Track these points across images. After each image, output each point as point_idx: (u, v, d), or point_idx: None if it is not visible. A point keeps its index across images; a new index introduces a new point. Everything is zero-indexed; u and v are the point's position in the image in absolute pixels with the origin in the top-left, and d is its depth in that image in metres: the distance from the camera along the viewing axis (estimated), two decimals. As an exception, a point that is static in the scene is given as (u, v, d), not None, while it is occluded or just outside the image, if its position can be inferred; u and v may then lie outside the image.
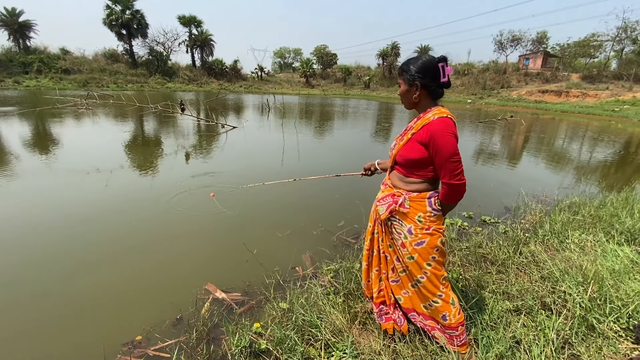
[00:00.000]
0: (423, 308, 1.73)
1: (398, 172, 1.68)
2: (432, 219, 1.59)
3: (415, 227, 1.59)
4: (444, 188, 1.52)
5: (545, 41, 43.70)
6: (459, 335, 1.66)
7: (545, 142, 11.77)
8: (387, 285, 1.88)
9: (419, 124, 1.53)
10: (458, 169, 1.45)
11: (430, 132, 1.46)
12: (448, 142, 1.43)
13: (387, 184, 1.76)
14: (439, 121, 1.46)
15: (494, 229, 3.63)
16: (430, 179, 1.58)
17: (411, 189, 1.61)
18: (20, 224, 3.54)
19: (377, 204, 1.75)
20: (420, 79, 1.51)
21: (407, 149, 1.57)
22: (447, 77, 1.51)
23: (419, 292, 1.70)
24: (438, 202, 1.59)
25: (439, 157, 1.46)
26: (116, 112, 14.12)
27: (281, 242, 3.36)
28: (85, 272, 2.74)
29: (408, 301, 1.78)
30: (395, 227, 1.67)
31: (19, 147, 7.18)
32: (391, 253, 1.76)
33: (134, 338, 2.01)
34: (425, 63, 1.51)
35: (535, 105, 31.79)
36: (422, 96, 1.55)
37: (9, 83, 28.53)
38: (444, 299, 1.64)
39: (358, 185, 5.12)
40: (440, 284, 1.64)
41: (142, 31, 37.74)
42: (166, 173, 5.80)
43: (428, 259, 1.61)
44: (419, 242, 1.59)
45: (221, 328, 2.07)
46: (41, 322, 2.18)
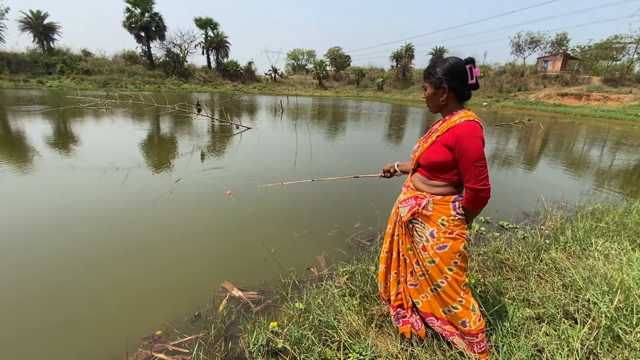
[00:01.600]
0: (442, 313, 1.70)
1: (421, 175, 1.66)
2: (455, 223, 1.56)
3: (438, 230, 1.57)
4: (467, 193, 1.49)
5: (565, 43, 42.58)
6: (479, 342, 1.62)
7: (564, 146, 11.45)
8: (405, 288, 1.86)
9: (444, 127, 1.51)
10: (483, 173, 1.42)
11: (456, 135, 1.43)
12: (474, 146, 1.40)
13: (409, 187, 1.74)
14: (465, 124, 1.44)
15: (513, 235, 3.56)
16: (455, 182, 1.55)
17: (435, 192, 1.58)
18: (43, 220, 3.67)
19: (398, 206, 1.73)
20: (448, 81, 1.48)
21: (431, 151, 1.55)
22: (475, 78, 1.48)
23: (438, 296, 1.67)
24: (462, 207, 1.56)
25: (464, 161, 1.43)
26: (134, 112, 14.48)
27: (296, 242, 3.38)
28: (106, 268, 2.81)
29: (426, 305, 1.75)
30: (417, 229, 1.65)
31: (42, 145, 7.45)
32: (411, 256, 1.74)
33: (154, 333, 2.05)
34: (453, 65, 1.48)
35: (554, 108, 30.97)
36: (449, 99, 1.53)
37: (33, 83, 29.61)
38: (464, 305, 1.61)
39: (373, 187, 5.10)
40: (461, 289, 1.61)
41: (160, 33, 38.63)
42: (183, 172, 5.91)
43: (450, 264, 1.58)
44: (441, 246, 1.57)
45: (238, 326, 2.09)
46: (64, 317, 2.25)
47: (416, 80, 50.24)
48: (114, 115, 13.22)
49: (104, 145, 8.00)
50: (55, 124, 10.54)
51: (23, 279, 2.61)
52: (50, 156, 6.53)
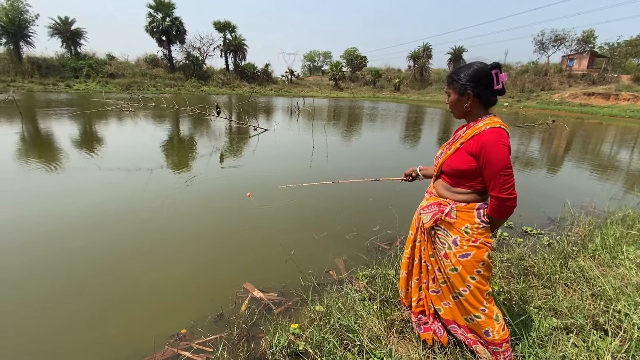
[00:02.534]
0: (464, 320, 1.68)
1: (444, 182, 1.63)
2: (480, 231, 1.53)
3: (461, 238, 1.55)
4: (492, 202, 1.45)
5: (592, 40, 40.88)
6: (503, 351, 1.59)
7: (591, 148, 11.00)
8: (427, 295, 1.84)
9: (468, 133, 1.48)
10: (509, 182, 1.38)
11: (481, 143, 1.40)
12: (500, 154, 1.37)
13: (432, 193, 1.72)
14: (491, 131, 1.40)
15: (537, 241, 3.45)
16: (479, 190, 1.52)
17: (459, 199, 1.56)
18: (75, 218, 3.85)
19: (420, 212, 1.72)
20: (473, 87, 1.45)
21: (455, 158, 1.52)
22: (502, 84, 1.44)
23: (460, 304, 1.65)
24: (487, 214, 1.53)
25: (489, 169, 1.40)
26: (155, 114, 14.92)
27: (315, 244, 3.40)
28: (131, 267, 2.93)
29: (448, 312, 1.73)
30: (440, 236, 1.63)
31: (71, 146, 7.80)
32: (433, 263, 1.73)
33: (179, 331, 2.12)
34: (478, 71, 1.45)
35: (580, 108, 29.77)
36: (473, 105, 1.49)
37: (62, 86, 31.00)
38: (487, 314, 1.58)
39: (391, 190, 5.07)
40: (484, 299, 1.58)
41: (180, 37, 39.64)
42: (202, 173, 6.05)
43: (472, 273, 1.55)
44: (464, 254, 1.54)
45: (260, 327, 2.14)
46: (92, 312, 2.36)
47: (434, 81, 49.47)
48: (137, 117, 13.68)
49: (128, 146, 8.28)
50: (83, 126, 11.01)
51: (55, 276, 2.75)
52: (78, 157, 6.83)
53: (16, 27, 30.62)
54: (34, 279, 2.68)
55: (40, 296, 2.49)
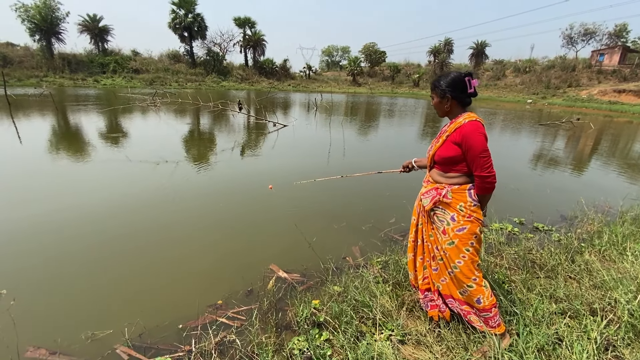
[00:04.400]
0: (459, 294, 1.94)
1: (437, 170, 1.95)
2: (472, 208, 1.81)
3: (457, 215, 1.83)
4: (476, 180, 1.76)
5: (625, 35, 38.91)
6: (492, 316, 1.85)
7: (619, 147, 10.72)
8: (430, 273, 2.10)
9: (451, 127, 1.79)
10: (487, 163, 1.69)
11: (463, 133, 1.71)
12: (478, 141, 1.68)
13: (430, 181, 2.01)
14: (469, 124, 1.72)
15: (546, 237, 3.59)
16: (467, 172, 1.81)
17: (452, 182, 1.85)
18: (118, 204, 4.28)
19: (421, 198, 2.01)
20: (451, 92, 1.79)
21: (443, 149, 1.83)
22: (474, 88, 1.79)
23: (455, 278, 1.91)
24: (475, 194, 1.83)
25: (470, 153, 1.71)
26: (177, 109, 15.53)
27: (333, 233, 3.68)
28: (172, 246, 3.32)
29: (446, 288, 2.00)
30: (438, 215, 1.91)
31: (102, 139, 8.37)
32: (432, 242, 2.00)
33: (216, 302, 2.45)
34: (454, 79, 1.79)
35: (609, 106, 28.56)
36: (452, 106, 1.83)
37: (90, 82, 32.46)
38: (478, 282, 1.84)
39: (406, 185, 5.27)
40: (475, 269, 1.85)
41: (202, 33, 40.50)
42: (227, 166, 6.42)
43: (467, 244, 1.83)
44: (461, 228, 1.82)
45: (286, 301, 2.44)
46: (145, 283, 2.73)
47: (454, 76, 48.33)
48: (160, 112, 14.31)
49: (154, 139, 8.79)
50: (112, 120, 11.69)
51: (115, 250, 3.16)
52: (110, 149, 7.36)
53: (48, 24, 32.18)
54: (96, 263, 3.09)
55: (101, 275, 2.89)
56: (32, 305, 2.42)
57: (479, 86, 2.00)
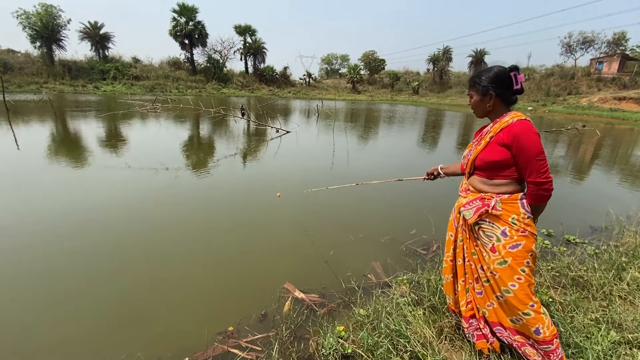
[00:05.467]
0: (510, 322, 1.65)
1: (479, 177, 1.68)
2: (526, 221, 1.56)
3: (510, 229, 1.56)
4: (530, 188, 1.52)
5: (624, 43, 39.14)
6: (554, 349, 1.56)
7: (627, 155, 10.50)
8: (474, 296, 1.81)
9: (496, 128, 1.57)
10: (544, 167, 1.47)
11: (513, 133, 1.49)
12: (533, 141, 1.46)
13: (470, 190, 1.74)
14: (519, 123, 1.50)
15: (582, 250, 3.31)
16: (517, 179, 1.57)
17: (500, 191, 1.60)
18: (115, 215, 3.98)
19: (461, 210, 1.72)
20: (494, 88, 1.59)
21: (487, 152, 1.59)
22: (520, 84, 1.58)
23: (505, 303, 1.63)
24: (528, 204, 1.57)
25: (524, 156, 1.48)
26: (176, 115, 15.28)
27: (350, 247, 3.38)
28: (175, 265, 2.99)
29: (493, 314, 1.71)
30: (485, 230, 1.64)
31: (102, 145, 8.10)
32: (475, 261, 1.72)
33: (227, 329, 2.15)
34: (498, 73, 1.59)
35: (610, 114, 28.52)
36: (496, 104, 1.62)
37: (90, 88, 32.32)
38: (536, 309, 1.56)
39: (424, 191, 4.99)
40: (532, 293, 1.58)
41: (202, 40, 40.58)
42: (229, 174, 6.14)
43: (522, 264, 1.55)
44: (515, 244, 1.55)
45: (307, 328, 2.13)
46: (144, 310, 2.42)
47: (454, 84, 48.62)
48: (161, 118, 14.06)
49: (154, 146, 8.52)
50: (112, 126, 11.42)
51: (110, 270, 2.85)
52: (109, 155, 7.08)
53: (49, 31, 32.17)
54: (91, 281, 2.78)
55: (96, 296, 2.58)
56: (11, 330, 2.12)
57: None
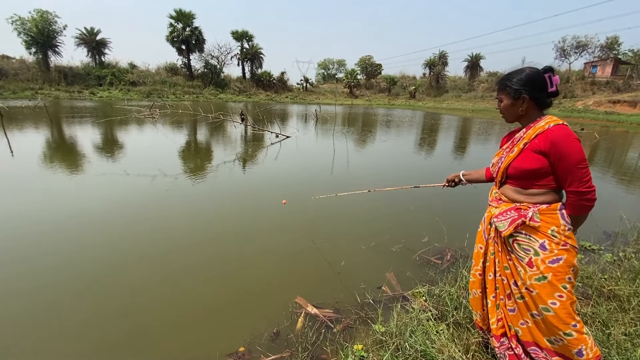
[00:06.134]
0: (547, 342, 1.51)
1: (512, 186, 1.57)
2: (567, 234, 1.44)
3: (549, 242, 1.44)
4: (571, 198, 1.41)
5: (617, 47, 39.65)
6: None
7: (624, 158, 10.50)
8: (506, 313, 1.68)
9: (530, 134, 1.46)
10: (587, 175, 1.37)
11: (551, 139, 1.38)
12: (575, 147, 1.36)
13: (502, 199, 1.62)
14: (557, 128, 1.39)
15: (597, 257, 3.21)
16: (554, 188, 1.47)
17: (537, 200, 1.49)
18: (117, 226, 3.82)
19: (493, 221, 1.60)
20: (528, 91, 1.48)
21: (522, 159, 1.48)
22: (555, 86, 1.47)
23: (543, 322, 1.49)
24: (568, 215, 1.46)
25: (564, 164, 1.37)
26: (173, 121, 15.08)
27: (361, 257, 3.25)
28: (177, 280, 2.83)
29: (527, 333, 1.58)
30: (521, 243, 1.51)
31: (100, 151, 7.93)
32: (508, 276, 1.59)
33: (237, 349, 2.00)
34: (531, 75, 1.48)
35: (606, 116, 28.75)
36: (529, 108, 1.51)
37: (86, 94, 32.07)
38: (579, 329, 1.42)
39: (433, 197, 4.87)
40: (574, 312, 1.44)
41: (199, 46, 40.56)
42: (230, 181, 6.00)
43: (564, 280, 1.42)
44: (555, 258, 1.42)
45: (324, 348, 1.99)
46: (146, 328, 2.26)
47: (450, 88, 48.90)
48: (158, 124, 13.90)
49: (152, 152, 8.36)
50: (109, 133, 11.25)
51: (108, 284, 2.69)
52: (106, 162, 6.91)
53: (45, 37, 31.99)
54: (89, 298, 2.62)
55: (95, 314, 2.42)
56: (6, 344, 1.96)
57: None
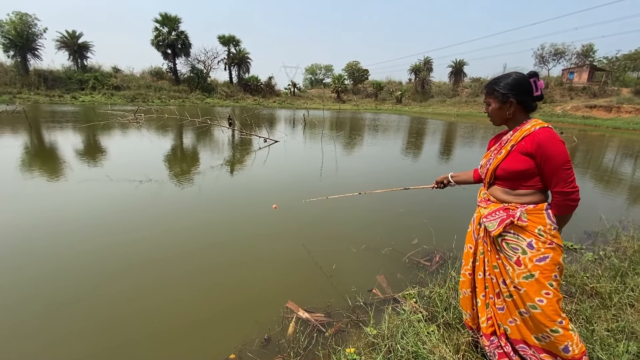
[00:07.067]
0: (535, 340, 1.56)
1: (501, 187, 1.62)
2: (553, 233, 1.50)
3: (536, 240, 1.50)
4: (556, 198, 1.46)
5: (592, 54, 41.44)
6: None
7: (601, 160, 10.92)
8: (495, 312, 1.72)
9: (517, 136, 1.52)
10: (571, 176, 1.43)
11: (537, 142, 1.44)
12: (559, 149, 1.42)
13: (491, 200, 1.67)
14: (543, 131, 1.46)
15: (579, 256, 3.31)
16: (541, 189, 1.53)
17: (525, 201, 1.54)
18: (101, 232, 3.72)
19: (482, 221, 1.65)
20: (515, 95, 1.54)
21: (510, 161, 1.54)
22: (540, 90, 1.54)
23: (531, 320, 1.54)
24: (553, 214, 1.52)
25: (550, 165, 1.43)
26: (159, 126, 14.82)
27: (352, 260, 3.25)
28: (165, 288, 2.76)
29: (516, 331, 1.62)
30: (509, 242, 1.56)
31: (81, 157, 7.71)
32: (497, 275, 1.64)
33: (228, 357, 1.97)
34: (518, 80, 1.54)
35: (583, 121, 29.92)
36: (516, 111, 1.57)
37: (67, 98, 31.25)
38: (565, 326, 1.48)
39: (421, 199, 4.94)
40: (560, 309, 1.50)
41: (185, 50, 40.22)
42: (218, 185, 5.94)
43: (550, 278, 1.48)
44: (542, 257, 1.48)
45: (317, 352, 1.98)
46: (135, 337, 2.20)
47: (435, 93, 49.93)
48: (143, 128, 13.64)
49: (136, 157, 8.20)
50: (92, 138, 10.96)
51: (94, 294, 2.60)
52: (88, 167, 6.73)
53: (24, 40, 31.09)
54: (73, 309, 2.53)
55: (81, 326, 2.34)
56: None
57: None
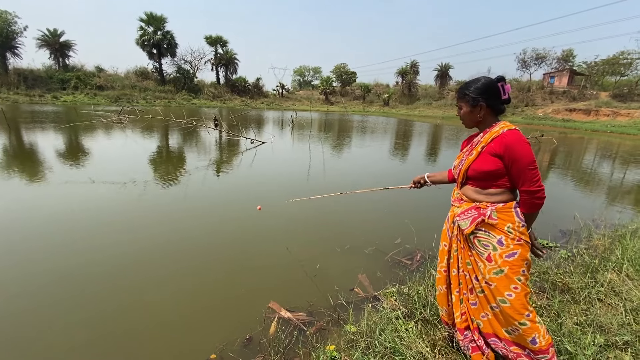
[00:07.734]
0: (505, 333, 1.63)
1: (472, 186, 1.69)
2: (521, 230, 1.56)
3: (506, 237, 1.56)
4: (523, 197, 1.53)
5: (572, 59, 42.85)
6: (550, 358, 1.55)
7: (580, 162, 11.32)
8: (468, 307, 1.78)
9: (487, 138, 1.58)
10: (536, 175, 1.49)
11: (505, 144, 1.51)
12: (525, 150, 1.48)
13: (463, 199, 1.73)
14: (510, 133, 1.52)
15: (554, 254, 3.44)
16: (509, 188, 1.59)
17: (495, 200, 1.61)
18: (95, 239, 3.64)
19: (456, 219, 1.71)
20: (484, 99, 1.60)
21: (480, 162, 1.60)
22: (507, 94, 1.61)
23: (501, 314, 1.61)
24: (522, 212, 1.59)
25: (517, 166, 1.49)
26: (144, 126, 14.58)
27: (335, 260, 3.29)
28: (147, 289, 2.74)
29: (488, 325, 1.69)
30: (481, 239, 1.63)
31: (63, 158, 7.52)
32: (470, 271, 1.71)
33: (209, 357, 1.97)
34: (487, 84, 1.60)
35: (563, 123, 30.89)
36: (486, 114, 1.63)
37: (48, 98, 30.34)
38: (532, 319, 1.55)
39: (405, 200, 5.02)
40: (528, 302, 1.57)
41: (172, 50, 39.63)
42: (203, 187, 5.89)
43: (519, 273, 1.55)
44: (511, 253, 1.55)
45: (297, 350, 2.00)
46: (116, 337, 2.17)
47: (422, 96, 50.69)
48: (127, 129, 13.39)
49: (120, 158, 8.05)
50: (74, 139, 10.70)
51: (77, 296, 2.55)
52: (69, 169, 6.57)
53: (3, 38, 30.11)
54: (55, 310, 2.48)
55: (61, 327, 2.29)
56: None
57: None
